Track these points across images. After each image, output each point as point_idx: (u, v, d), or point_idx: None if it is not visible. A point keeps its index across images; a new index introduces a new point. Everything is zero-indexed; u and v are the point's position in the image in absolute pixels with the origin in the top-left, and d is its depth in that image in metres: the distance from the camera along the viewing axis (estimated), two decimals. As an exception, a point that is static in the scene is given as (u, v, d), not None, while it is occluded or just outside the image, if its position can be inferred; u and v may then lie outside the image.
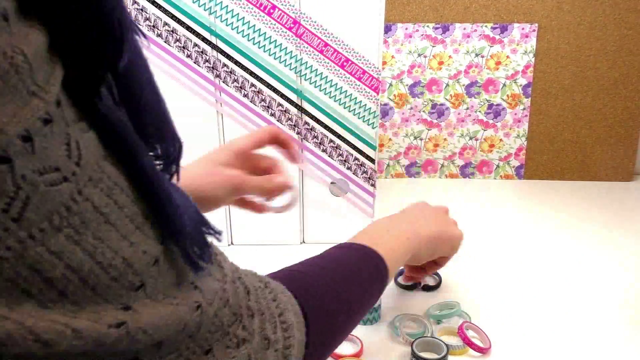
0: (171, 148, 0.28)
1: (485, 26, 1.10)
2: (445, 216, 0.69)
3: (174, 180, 0.29)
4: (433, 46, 1.12)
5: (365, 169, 0.84)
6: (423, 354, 0.58)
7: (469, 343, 0.60)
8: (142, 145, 0.25)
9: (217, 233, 0.30)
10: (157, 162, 0.28)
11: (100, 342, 0.22)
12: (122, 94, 0.24)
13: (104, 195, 0.23)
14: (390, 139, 1.18)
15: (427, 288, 0.74)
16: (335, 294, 0.45)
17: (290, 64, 0.77)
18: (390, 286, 0.75)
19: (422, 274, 0.72)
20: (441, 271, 0.77)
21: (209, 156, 0.59)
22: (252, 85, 0.78)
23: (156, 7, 0.74)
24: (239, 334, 0.32)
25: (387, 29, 1.11)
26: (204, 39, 0.76)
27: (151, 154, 0.27)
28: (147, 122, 0.26)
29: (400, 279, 0.76)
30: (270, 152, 0.63)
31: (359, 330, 0.65)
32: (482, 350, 0.60)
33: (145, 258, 0.25)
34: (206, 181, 0.57)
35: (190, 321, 0.27)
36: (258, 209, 0.65)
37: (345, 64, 0.78)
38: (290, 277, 0.42)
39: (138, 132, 0.25)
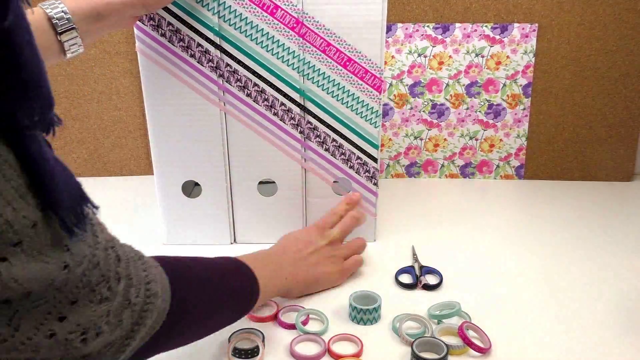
0: (47, 109, 0.33)
1: (485, 26, 1.10)
2: (325, 256, 0.75)
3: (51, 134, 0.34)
4: (433, 46, 1.12)
5: (368, 168, 0.84)
6: (423, 354, 0.58)
7: (469, 343, 0.61)
8: (30, 131, 0.31)
9: (94, 207, 0.36)
10: (35, 119, 0.32)
11: None
12: (2, 52, 0.28)
13: None
14: (390, 139, 1.18)
15: (428, 287, 0.75)
16: (203, 288, 0.52)
17: (293, 63, 0.78)
18: (391, 285, 0.76)
19: None
20: (441, 271, 0.78)
21: None
22: (255, 84, 0.78)
23: (159, 6, 0.74)
24: (103, 292, 0.37)
25: (387, 29, 1.11)
26: (207, 39, 0.76)
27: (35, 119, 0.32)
28: (27, 79, 0.30)
29: (401, 278, 0.76)
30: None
31: (359, 330, 0.65)
32: (482, 350, 0.60)
33: (24, 221, 0.30)
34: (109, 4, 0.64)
35: (57, 278, 0.33)
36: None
37: (347, 63, 0.78)
38: (167, 260, 0.48)
39: (18, 91, 0.30)
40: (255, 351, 0.60)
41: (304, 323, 0.66)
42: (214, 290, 0.53)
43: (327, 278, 0.74)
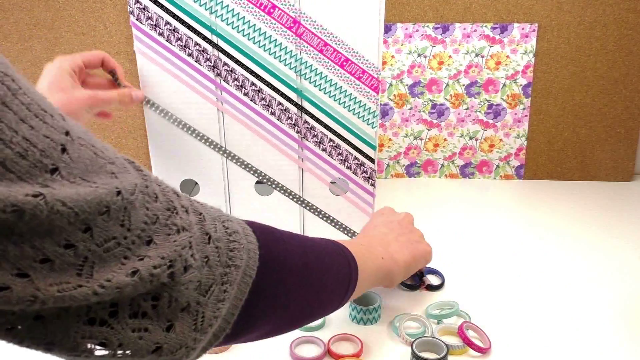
0: None
1: (485, 26, 1.10)
2: (413, 233, 0.71)
3: None
4: (433, 46, 1.12)
5: (365, 169, 0.83)
6: (423, 354, 0.58)
7: (469, 343, 0.60)
8: None
9: None
10: None
11: (17, 208, 0.25)
12: None
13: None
14: (390, 139, 1.18)
15: (431, 287, 0.74)
16: (294, 247, 0.47)
17: (290, 63, 0.77)
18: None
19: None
20: (441, 271, 0.78)
21: (54, 87, 0.66)
22: (253, 84, 0.78)
23: (158, 6, 0.74)
24: (177, 222, 0.34)
25: (387, 29, 1.11)
26: (204, 38, 0.76)
27: None
28: None
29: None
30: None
31: (359, 330, 0.65)
32: (482, 350, 0.60)
33: (54, 145, 0.28)
34: (68, 110, 0.64)
35: (111, 204, 0.29)
36: (101, 115, 0.79)
37: (345, 63, 0.78)
38: (256, 223, 0.44)
39: None
40: None
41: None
42: (306, 254, 0.48)
43: (423, 256, 0.69)
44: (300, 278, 0.46)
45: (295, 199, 0.84)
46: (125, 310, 0.31)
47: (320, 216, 0.85)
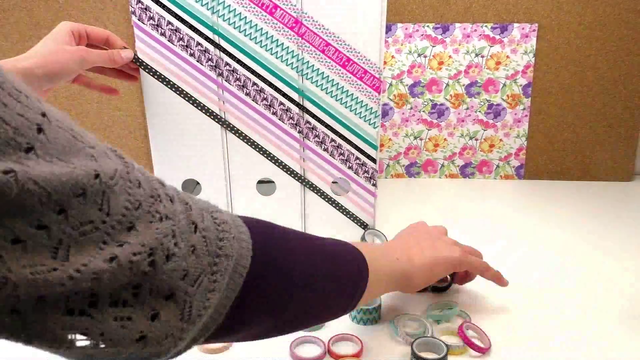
0: None
1: (485, 26, 1.10)
2: (441, 240, 0.67)
3: None
4: (433, 46, 1.12)
5: (367, 169, 0.84)
6: (423, 354, 0.58)
7: (469, 343, 0.60)
8: None
9: None
10: None
11: None
12: None
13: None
14: (390, 139, 1.18)
15: (436, 289, 0.73)
16: (293, 244, 0.46)
17: (292, 63, 0.78)
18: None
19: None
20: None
21: (49, 38, 0.66)
22: (254, 84, 0.78)
23: (160, 6, 0.74)
24: (161, 210, 0.33)
25: (387, 29, 1.11)
26: (206, 38, 0.76)
27: None
28: None
29: None
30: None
31: (359, 330, 0.65)
32: (482, 350, 0.60)
33: (29, 124, 0.26)
34: (55, 58, 0.64)
35: (88, 186, 0.28)
36: (106, 90, 0.78)
37: (346, 63, 0.78)
38: (253, 219, 0.43)
39: None
40: None
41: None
42: (309, 251, 0.46)
43: (447, 260, 0.63)
44: (302, 275, 0.45)
45: (297, 178, 0.84)
46: (105, 299, 0.30)
47: (323, 197, 0.84)
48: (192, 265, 0.34)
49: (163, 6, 0.74)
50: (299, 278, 0.44)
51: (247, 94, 0.79)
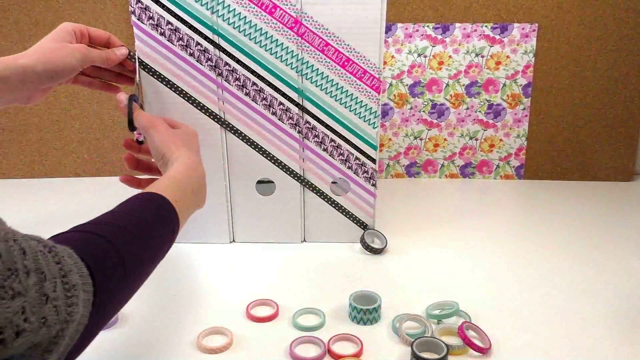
0: None
1: (485, 26, 1.10)
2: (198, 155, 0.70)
3: None
4: (433, 46, 1.12)
5: (367, 169, 0.84)
6: (423, 354, 0.58)
7: (469, 343, 0.60)
8: None
9: None
10: None
11: None
12: None
13: None
14: (390, 139, 1.18)
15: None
16: (130, 252, 0.48)
17: (292, 63, 0.78)
18: (391, 285, 0.75)
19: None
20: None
21: (51, 36, 0.67)
22: (254, 84, 0.78)
23: (159, 6, 0.74)
24: (15, 287, 0.33)
25: (387, 29, 1.11)
26: (206, 38, 0.76)
27: None
28: None
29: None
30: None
31: (359, 330, 0.65)
32: (482, 350, 0.60)
33: None
34: (56, 55, 0.64)
35: None
36: (105, 88, 0.77)
37: (346, 63, 0.78)
38: (82, 239, 0.45)
39: None
40: None
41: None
42: (138, 247, 0.50)
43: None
44: (136, 263, 0.49)
45: (296, 178, 0.84)
46: None
47: (323, 197, 0.85)
48: (44, 336, 0.36)
49: (163, 6, 0.74)
50: (134, 267, 0.49)
51: (247, 94, 0.79)
